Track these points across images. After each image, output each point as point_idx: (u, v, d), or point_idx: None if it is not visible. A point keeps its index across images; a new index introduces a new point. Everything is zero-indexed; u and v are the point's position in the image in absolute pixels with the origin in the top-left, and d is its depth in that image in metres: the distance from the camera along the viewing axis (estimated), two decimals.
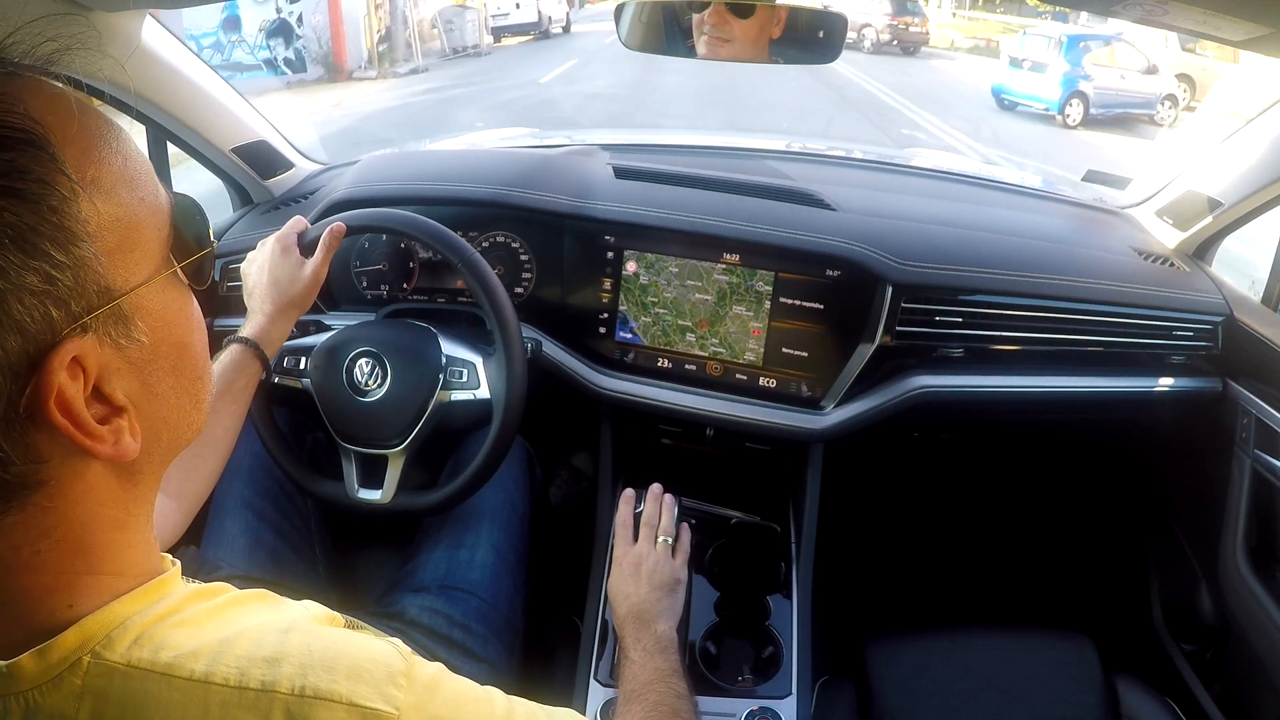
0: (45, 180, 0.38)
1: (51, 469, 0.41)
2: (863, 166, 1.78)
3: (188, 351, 0.48)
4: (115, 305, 0.41)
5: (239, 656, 0.43)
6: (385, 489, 1.08)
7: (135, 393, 0.44)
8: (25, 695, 0.41)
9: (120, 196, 0.42)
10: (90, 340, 0.40)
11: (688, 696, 0.85)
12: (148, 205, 0.44)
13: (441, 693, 0.48)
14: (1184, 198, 1.37)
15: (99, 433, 0.41)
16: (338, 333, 1.13)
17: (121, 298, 0.42)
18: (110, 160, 0.42)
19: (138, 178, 0.44)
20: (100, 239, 0.41)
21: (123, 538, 0.46)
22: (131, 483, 0.46)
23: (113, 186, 0.42)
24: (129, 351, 0.43)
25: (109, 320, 0.41)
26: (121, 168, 0.43)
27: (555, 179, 1.32)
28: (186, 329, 0.48)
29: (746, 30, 1.05)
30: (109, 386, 0.42)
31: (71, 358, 0.39)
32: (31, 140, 0.38)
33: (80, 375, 0.40)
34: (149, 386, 0.45)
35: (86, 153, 0.41)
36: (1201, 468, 1.34)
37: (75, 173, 0.40)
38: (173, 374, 0.46)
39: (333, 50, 12.98)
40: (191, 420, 0.49)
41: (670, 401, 1.24)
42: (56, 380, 0.39)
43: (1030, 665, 1.15)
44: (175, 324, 0.46)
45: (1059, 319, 1.22)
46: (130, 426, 0.43)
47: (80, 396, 0.40)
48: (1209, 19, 0.74)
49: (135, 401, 0.44)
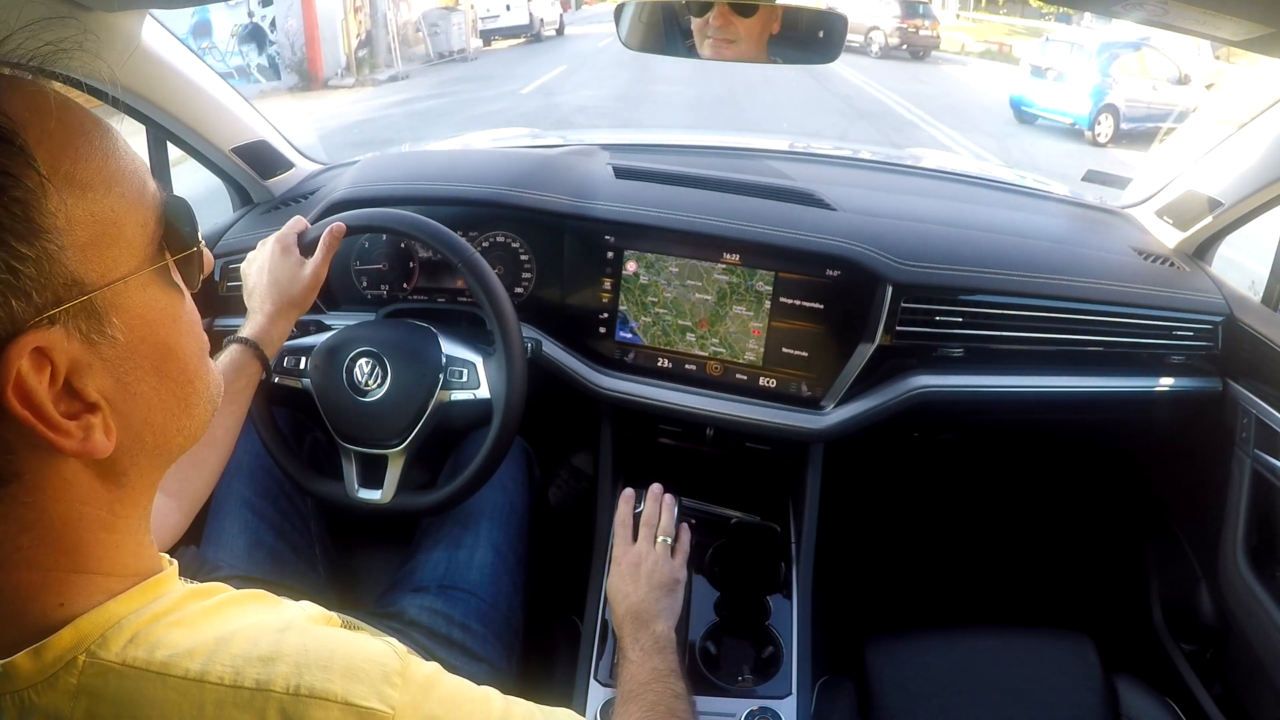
0: (10, 173, 0.38)
1: (21, 461, 0.41)
2: (863, 166, 1.78)
3: (173, 354, 0.47)
4: (87, 300, 0.41)
5: (234, 655, 0.43)
6: (385, 489, 1.08)
7: (110, 391, 0.43)
8: (20, 694, 0.41)
9: (97, 192, 0.42)
10: (58, 332, 0.40)
11: (685, 696, 0.85)
12: (129, 202, 0.44)
13: (437, 692, 0.48)
14: (1184, 198, 1.37)
15: (64, 426, 0.41)
16: (337, 333, 1.13)
17: (94, 293, 0.41)
18: (89, 157, 0.42)
19: (120, 175, 0.44)
20: (70, 233, 0.40)
21: (110, 538, 0.45)
22: (115, 483, 0.45)
23: (89, 182, 0.42)
24: (102, 348, 0.43)
25: (80, 314, 0.41)
26: (101, 165, 0.43)
27: (555, 179, 1.32)
28: (173, 331, 0.47)
29: (751, 28, 1.05)
30: (80, 382, 0.42)
31: (34, 348, 0.39)
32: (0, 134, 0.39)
33: (47, 367, 0.40)
34: (126, 386, 0.44)
35: (63, 148, 0.41)
36: (1201, 468, 1.34)
37: (47, 167, 0.40)
38: (155, 375, 0.46)
39: (306, 57, 12.17)
40: (181, 425, 0.48)
41: (670, 401, 1.24)
42: (14, 369, 0.39)
43: (1030, 665, 1.15)
44: (158, 325, 0.46)
45: (1059, 319, 1.22)
46: (104, 424, 0.43)
47: (43, 388, 0.40)
48: (1209, 18, 0.74)
49: (110, 400, 0.43)
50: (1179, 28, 0.83)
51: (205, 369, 0.51)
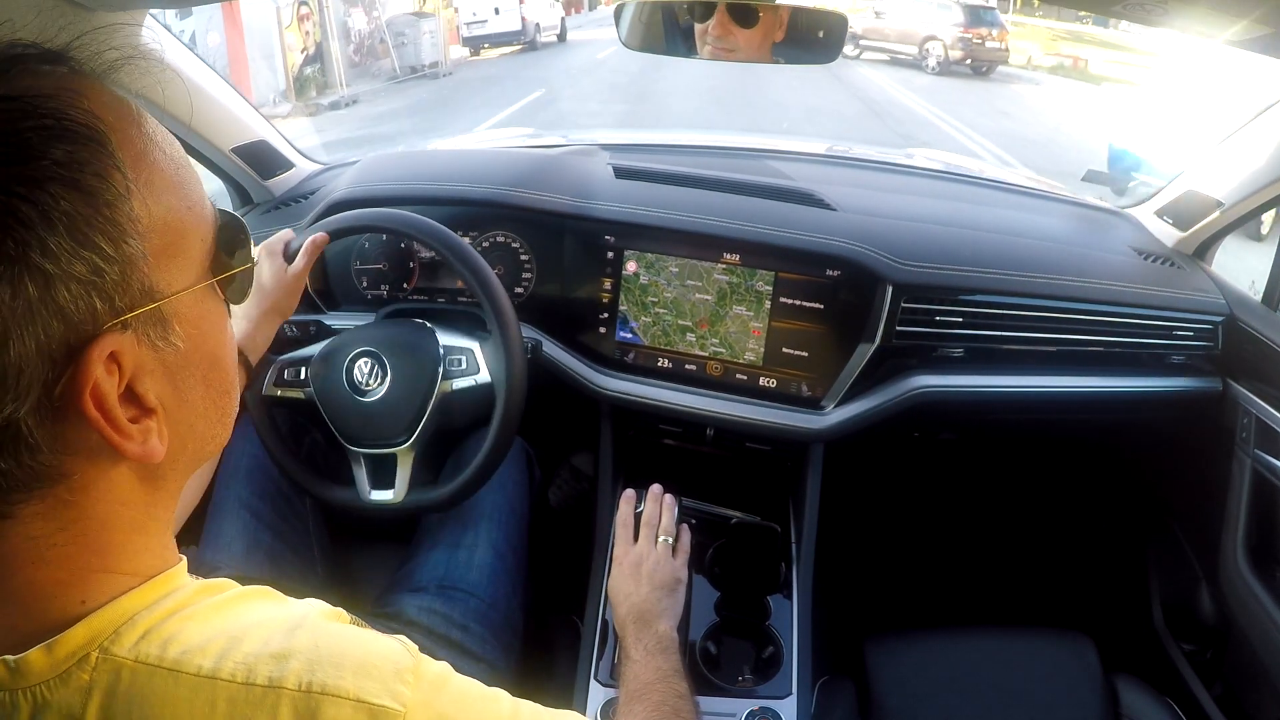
0: (103, 175, 0.40)
1: (78, 462, 0.42)
2: (863, 166, 1.78)
3: (219, 365, 0.49)
4: (156, 307, 0.43)
5: (246, 653, 0.43)
6: (397, 488, 1.08)
7: (167, 396, 0.45)
8: (33, 690, 0.41)
9: (170, 201, 0.44)
10: (129, 338, 0.41)
11: (689, 697, 0.85)
12: (195, 214, 0.46)
13: (448, 691, 0.48)
14: (1184, 197, 1.37)
15: (129, 430, 0.42)
16: (334, 338, 1.13)
17: (163, 300, 0.43)
18: (164, 165, 0.44)
19: (187, 186, 0.46)
20: (148, 239, 0.42)
21: (140, 540, 0.46)
22: (154, 487, 0.47)
23: (164, 190, 0.43)
24: (165, 355, 0.44)
25: (149, 321, 0.42)
26: (174, 174, 0.45)
27: (555, 179, 1.32)
28: (220, 342, 0.49)
29: (750, 39, 1.05)
30: (142, 387, 0.43)
31: (109, 352, 0.40)
32: (93, 136, 0.40)
33: (116, 371, 0.41)
34: (180, 393, 0.46)
35: (142, 155, 0.43)
36: (1201, 468, 1.34)
37: (131, 172, 0.41)
38: (203, 384, 0.47)
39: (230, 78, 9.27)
40: (215, 433, 0.50)
41: (670, 401, 1.24)
42: (94, 372, 0.40)
43: (1030, 665, 1.15)
44: (210, 335, 0.47)
45: (1059, 319, 1.22)
46: (159, 429, 0.44)
47: (114, 392, 0.41)
48: (1209, 18, 0.74)
49: (166, 405, 0.45)
50: (1178, 28, 0.83)
51: (237, 380, 0.53)
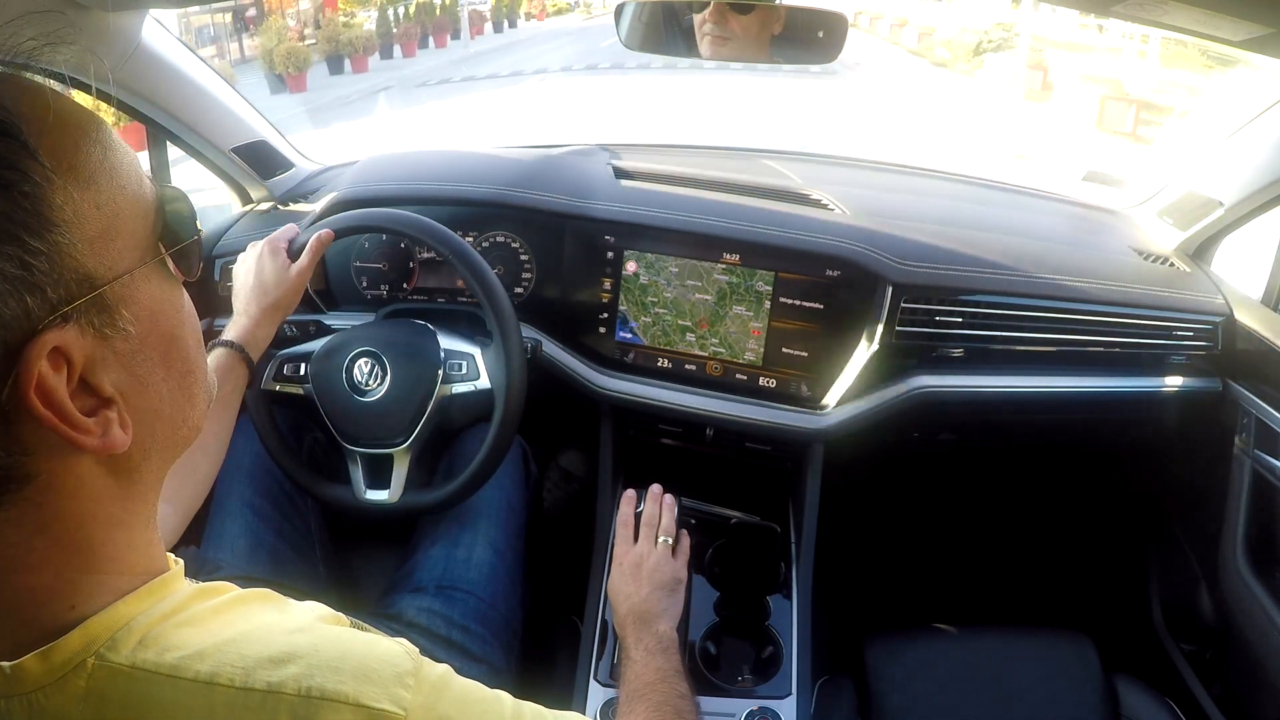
0: (17, 167, 0.38)
1: (40, 462, 0.41)
2: (863, 166, 1.78)
3: (177, 344, 0.47)
4: (98, 295, 0.41)
5: (244, 657, 0.43)
6: (393, 489, 1.08)
7: (124, 384, 0.43)
8: (29, 697, 0.41)
9: (100, 185, 0.42)
10: (72, 330, 0.40)
11: (690, 697, 0.85)
12: (129, 194, 0.44)
13: (450, 693, 0.48)
14: (1184, 198, 1.37)
15: (84, 424, 0.41)
16: (335, 336, 1.13)
17: (104, 287, 0.41)
18: (89, 150, 0.42)
19: (119, 168, 0.44)
20: (79, 227, 0.40)
21: (123, 536, 0.45)
22: (128, 480, 0.45)
23: (92, 175, 0.42)
24: (115, 342, 0.43)
25: (91, 310, 0.41)
26: (101, 158, 0.43)
27: (555, 179, 1.32)
28: (176, 321, 0.47)
29: (748, 27, 1.05)
30: (96, 378, 0.42)
31: (52, 348, 0.39)
32: (2, 129, 0.38)
33: (64, 366, 0.40)
34: (139, 378, 0.44)
35: (63, 142, 0.41)
36: (1201, 468, 1.34)
37: (50, 160, 0.39)
38: (163, 366, 0.46)
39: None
40: (186, 415, 0.49)
41: (670, 401, 1.24)
42: (35, 370, 0.38)
43: (1030, 665, 1.15)
44: (163, 315, 0.46)
45: (1059, 319, 1.22)
46: (120, 418, 0.43)
47: (63, 387, 0.40)
48: (1209, 19, 0.74)
49: (124, 393, 0.43)
50: (1178, 27, 0.83)
51: (202, 357, 0.51)
